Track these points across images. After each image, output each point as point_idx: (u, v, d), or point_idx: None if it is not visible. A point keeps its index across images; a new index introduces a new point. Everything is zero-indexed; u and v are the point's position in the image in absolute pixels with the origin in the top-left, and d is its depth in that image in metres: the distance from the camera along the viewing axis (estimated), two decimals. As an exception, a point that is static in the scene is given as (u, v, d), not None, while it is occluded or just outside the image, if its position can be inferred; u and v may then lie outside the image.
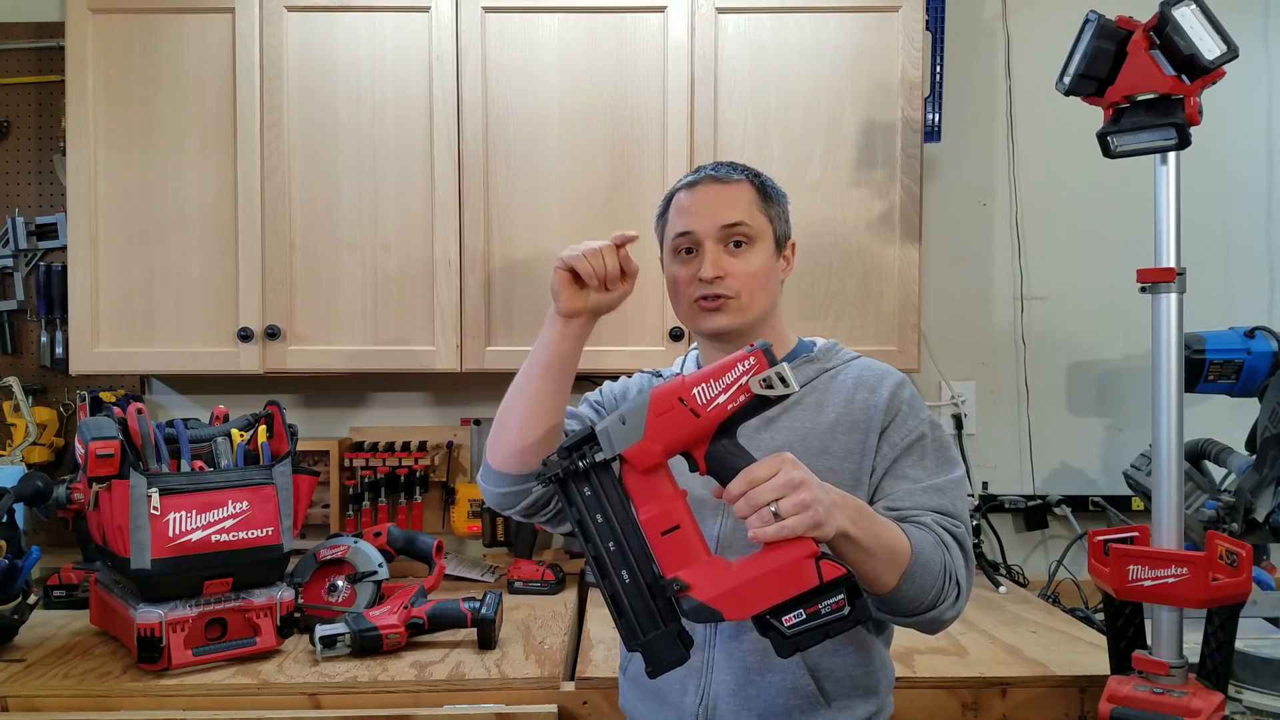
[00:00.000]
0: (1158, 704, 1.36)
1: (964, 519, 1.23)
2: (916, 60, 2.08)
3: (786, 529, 0.97)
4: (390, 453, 2.31)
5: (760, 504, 0.97)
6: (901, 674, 1.61)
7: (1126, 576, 1.41)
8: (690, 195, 1.31)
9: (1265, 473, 1.78)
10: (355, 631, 1.66)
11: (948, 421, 2.46)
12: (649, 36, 2.07)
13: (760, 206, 1.30)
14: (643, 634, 0.99)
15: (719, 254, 1.27)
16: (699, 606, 0.98)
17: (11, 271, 2.38)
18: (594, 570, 1.01)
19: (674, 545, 0.99)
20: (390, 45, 2.08)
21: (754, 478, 0.99)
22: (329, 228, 2.09)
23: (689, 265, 1.30)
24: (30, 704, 1.54)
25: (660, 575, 0.99)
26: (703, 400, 1.00)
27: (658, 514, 1.00)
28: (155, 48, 2.08)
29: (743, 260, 1.28)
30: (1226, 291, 2.43)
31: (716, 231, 1.27)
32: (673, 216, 1.33)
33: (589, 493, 1.01)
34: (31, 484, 1.80)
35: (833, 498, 1.03)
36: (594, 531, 1.00)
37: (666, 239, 1.35)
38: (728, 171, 1.31)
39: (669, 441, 1.00)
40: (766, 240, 1.30)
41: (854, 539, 1.05)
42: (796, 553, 0.97)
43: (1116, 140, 1.43)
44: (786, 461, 1.00)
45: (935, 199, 2.42)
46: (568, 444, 1.03)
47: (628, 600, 0.99)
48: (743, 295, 1.27)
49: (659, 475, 1.01)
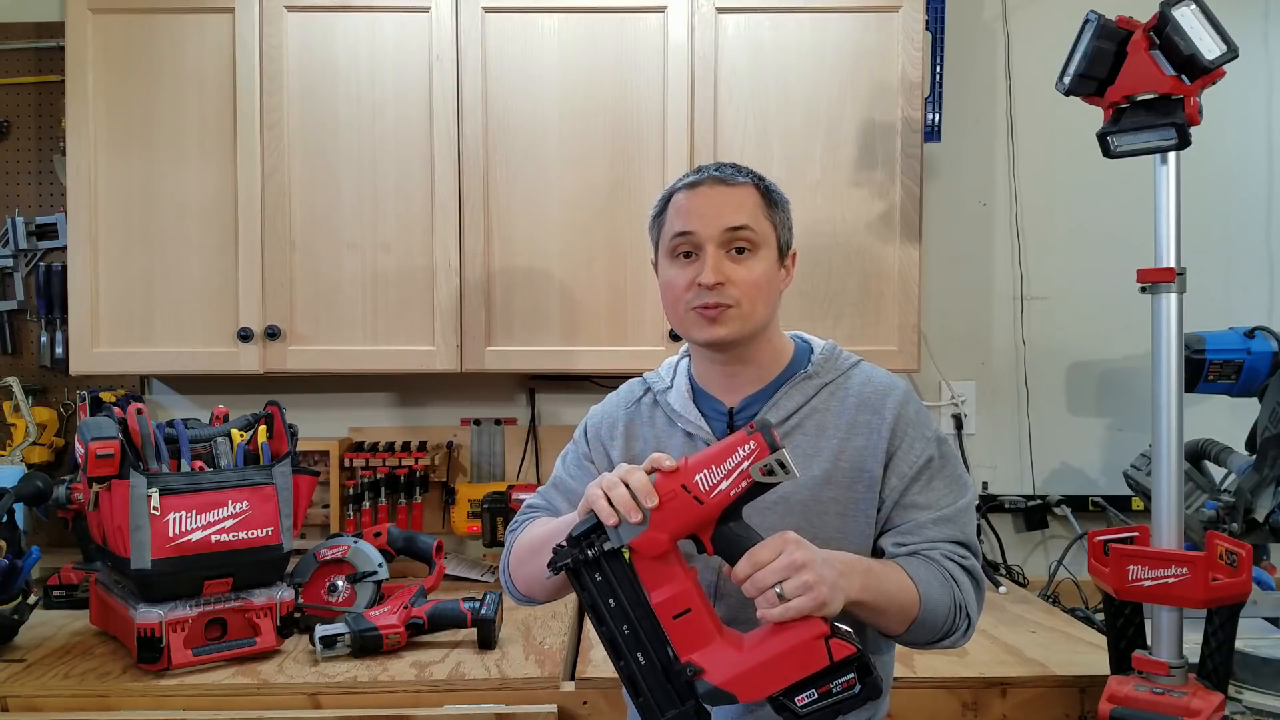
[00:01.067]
0: (1158, 704, 1.36)
1: (974, 546, 1.23)
2: (916, 60, 2.07)
3: (792, 610, 0.98)
4: (390, 453, 2.31)
5: (765, 586, 0.98)
6: (902, 674, 1.61)
7: (1126, 576, 1.41)
8: (692, 195, 1.24)
9: (1265, 473, 1.78)
10: (355, 631, 1.66)
11: (948, 422, 2.46)
12: (649, 36, 2.07)
13: (765, 212, 1.25)
14: (661, 713, 1.01)
15: (720, 259, 1.21)
16: (713, 690, 1.00)
17: (11, 271, 2.38)
18: (609, 651, 1.03)
19: (687, 628, 1.01)
20: (390, 45, 2.08)
21: (757, 560, 1.00)
22: (329, 228, 2.09)
23: (687, 269, 1.23)
24: (30, 704, 1.54)
25: (676, 658, 1.01)
26: (705, 487, 1.01)
27: (669, 598, 1.01)
28: (155, 48, 2.08)
29: (745, 267, 1.21)
30: (1226, 291, 2.43)
31: (719, 235, 1.21)
32: (671, 216, 1.26)
33: (600, 579, 1.02)
34: (31, 484, 1.80)
35: (838, 570, 1.03)
36: (607, 615, 1.02)
37: (663, 240, 1.28)
38: (732, 173, 1.25)
39: (675, 528, 1.01)
40: (770, 248, 1.24)
41: (864, 604, 1.08)
42: (806, 633, 0.98)
43: (1116, 140, 1.44)
44: (789, 542, 1.01)
45: (935, 199, 2.42)
46: (576, 533, 1.03)
47: (644, 681, 1.01)
48: (743, 304, 1.21)
49: (668, 560, 1.02)
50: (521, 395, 2.45)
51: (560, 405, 2.45)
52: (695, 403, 1.30)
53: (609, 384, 1.93)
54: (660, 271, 1.30)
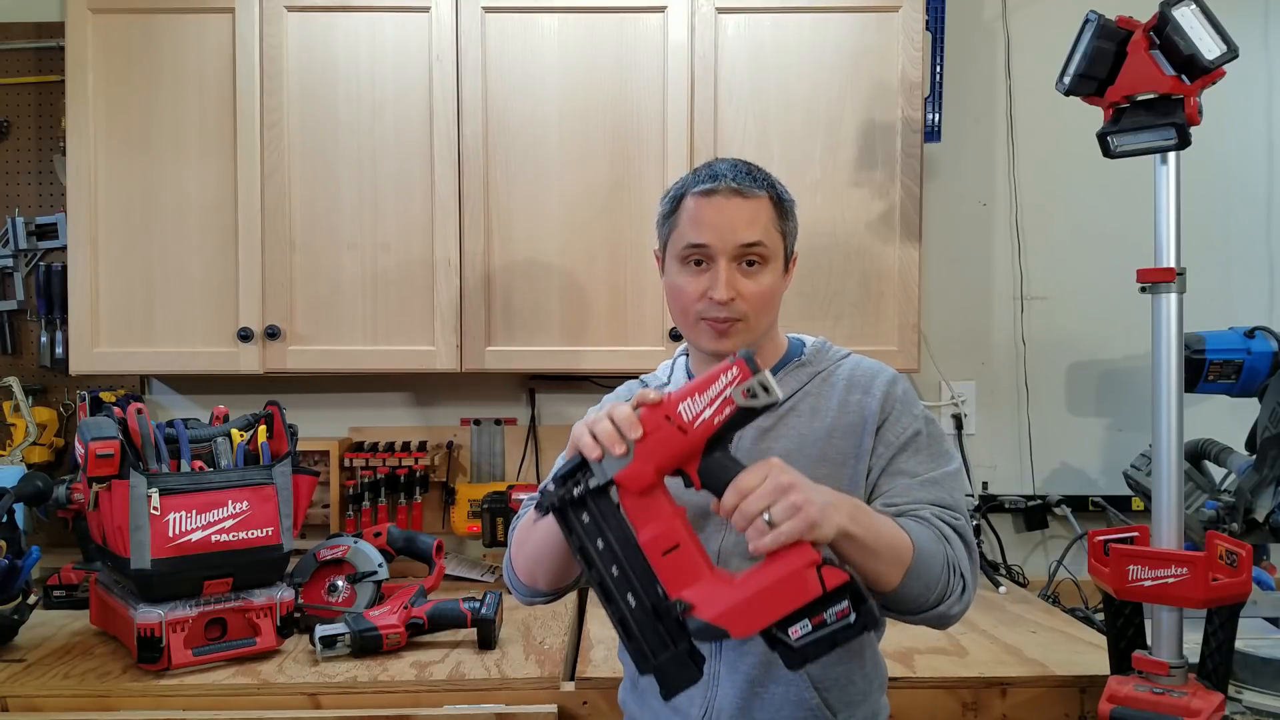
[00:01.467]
0: (1158, 704, 1.36)
1: (962, 510, 1.22)
2: (916, 60, 2.07)
3: (783, 535, 0.95)
4: (390, 453, 2.31)
5: (753, 514, 0.96)
6: (902, 674, 1.61)
7: (1126, 576, 1.41)
8: (708, 205, 1.22)
9: (1265, 473, 1.78)
10: (355, 631, 1.66)
11: (948, 422, 2.46)
12: (649, 36, 2.07)
13: (777, 224, 1.25)
14: (654, 657, 0.98)
15: (733, 273, 1.21)
16: (704, 626, 0.97)
17: (11, 271, 2.38)
18: (600, 596, 1.01)
19: (676, 564, 0.99)
20: (390, 45, 2.08)
21: (742, 488, 0.97)
22: (329, 228, 2.09)
23: (699, 278, 1.23)
24: (30, 704, 1.55)
25: (665, 596, 0.98)
26: (689, 416, 0.99)
27: (657, 534, 0.99)
28: (155, 48, 2.08)
29: (755, 281, 1.22)
30: (1226, 291, 2.43)
31: (734, 250, 1.21)
32: (685, 224, 1.24)
33: (588, 519, 1.00)
34: (31, 484, 1.80)
35: (827, 497, 1.01)
36: (596, 558, 0.99)
37: (673, 244, 1.27)
38: (749, 184, 1.23)
39: (660, 461, 0.99)
40: (778, 260, 1.25)
41: (854, 537, 1.03)
42: (797, 562, 0.96)
43: (1116, 140, 1.44)
44: (774, 467, 0.99)
45: (935, 199, 2.42)
46: (561, 472, 1.02)
47: (636, 624, 0.98)
48: (750, 317, 1.23)
49: (655, 496, 1.00)
50: (522, 395, 2.45)
51: (560, 405, 2.45)
52: None
53: (609, 384, 1.93)
54: (668, 274, 1.29)
